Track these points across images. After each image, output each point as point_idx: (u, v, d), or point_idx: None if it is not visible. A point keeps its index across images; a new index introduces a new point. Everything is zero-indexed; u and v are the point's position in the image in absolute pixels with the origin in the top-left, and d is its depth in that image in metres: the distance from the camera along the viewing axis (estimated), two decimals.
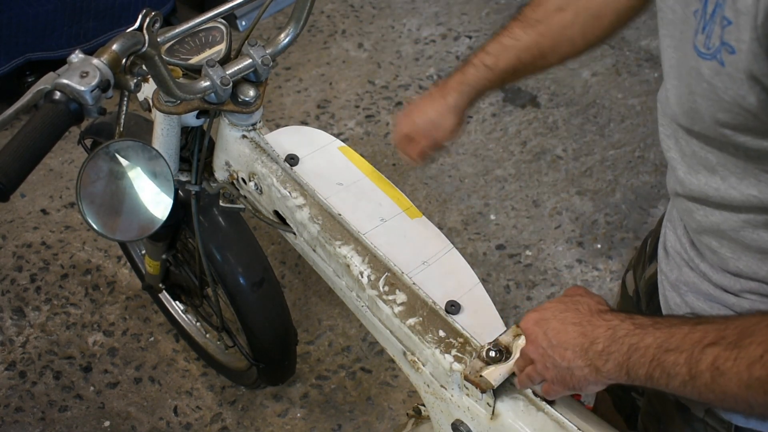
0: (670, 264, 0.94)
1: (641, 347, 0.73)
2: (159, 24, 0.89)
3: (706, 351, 0.68)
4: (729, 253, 0.83)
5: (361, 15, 3.01)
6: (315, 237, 1.11)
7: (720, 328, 0.68)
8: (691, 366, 0.69)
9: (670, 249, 0.95)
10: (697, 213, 0.84)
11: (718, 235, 0.82)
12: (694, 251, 0.89)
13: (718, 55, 0.66)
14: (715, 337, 0.68)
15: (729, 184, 0.77)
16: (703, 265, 0.87)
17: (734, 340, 0.67)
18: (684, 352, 0.69)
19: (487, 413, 0.94)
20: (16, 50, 2.36)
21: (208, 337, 1.87)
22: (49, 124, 0.77)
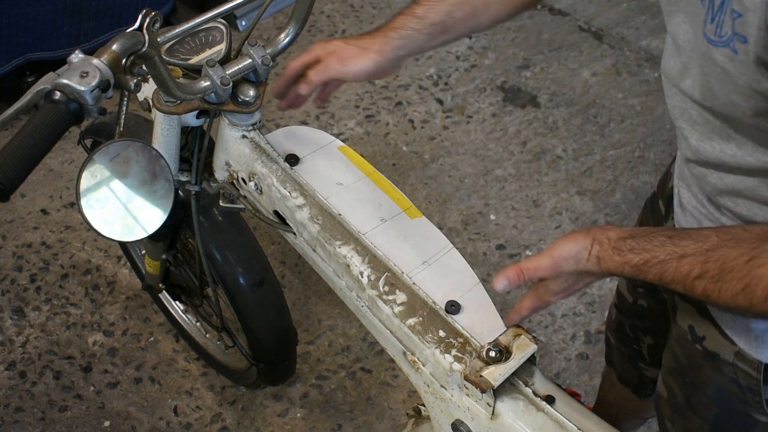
0: (689, 219, 0.97)
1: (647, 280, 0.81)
2: (159, 24, 0.89)
3: (695, 283, 0.77)
4: (745, 211, 0.86)
5: (361, 15, 3.01)
6: (315, 237, 1.11)
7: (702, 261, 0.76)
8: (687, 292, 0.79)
9: (687, 205, 0.97)
10: (711, 176, 0.87)
11: (734, 195, 0.85)
12: (712, 206, 0.92)
13: (731, 44, 0.69)
14: (699, 272, 0.76)
15: (745, 151, 0.80)
16: (723, 219, 0.90)
17: (716, 274, 0.75)
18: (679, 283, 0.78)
19: (487, 413, 0.94)
20: (16, 50, 2.36)
21: (208, 337, 1.87)
22: (49, 124, 0.77)
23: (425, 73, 2.77)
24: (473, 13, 1.04)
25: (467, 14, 1.04)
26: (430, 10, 1.04)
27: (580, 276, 0.86)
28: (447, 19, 1.03)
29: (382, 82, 2.72)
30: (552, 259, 0.85)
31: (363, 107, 2.64)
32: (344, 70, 1.05)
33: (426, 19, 1.03)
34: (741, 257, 0.73)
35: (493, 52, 2.86)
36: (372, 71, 1.05)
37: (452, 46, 2.87)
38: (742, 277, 0.72)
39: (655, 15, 3.06)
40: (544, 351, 1.99)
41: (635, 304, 1.27)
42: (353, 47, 1.04)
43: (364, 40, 1.05)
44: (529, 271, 0.87)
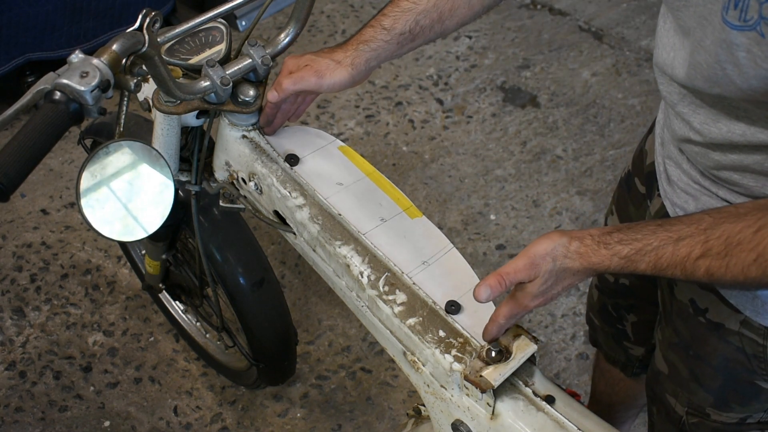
0: (681, 196, 0.97)
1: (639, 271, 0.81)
2: (159, 24, 0.89)
3: (698, 263, 0.76)
4: (753, 182, 0.87)
5: (361, 15, 3.01)
6: (315, 237, 1.11)
7: (703, 240, 0.75)
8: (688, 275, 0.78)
9: (678, 182, 0.98)
10: (713, 154, 0.87)
11: (740, 170, 0.86)
12: (708, 181, 0.93)
13: (758, 27, 0.70)
14: (701, 250, 0.76)
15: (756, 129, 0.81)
16: (722, 192, 0.90)
17: (722, 250, 0.74)
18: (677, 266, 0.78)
19: (487, 413, 0.94)
20: (16, 50, 2.36)
21: (208, 337, 1.87)
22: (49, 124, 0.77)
23: (425, 73, 2.77)
24: (440, 19, 1.06)
25: (434, 21, 1.06)
26: (396, 20, 1.06)
27: (560, 276, 0.85)
28: (414, 28, 1.06)
29: (383, 82, 2.72)
30: (528, 258, 0.84)
31: (363, 107, 2.64)
32: (320, 83, 1.06)
33: (394, 29, 1.06)
34: (747, 229, 0.73)
35: (493, 52, 2.86)
36: (346, 83, 1.07)
37: (452, 47, 2.87)
38: (753, 248, 0.72)
39: (655, 15, 3.06)
40: (544, 351, 1.99)
41: (617, 283, 1.29)
42: (327, 60, 1.06)
43: (336, 53, 1.07)
44: (509, 276, 0.85)
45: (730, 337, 0.99)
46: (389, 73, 2.76)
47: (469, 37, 2.92)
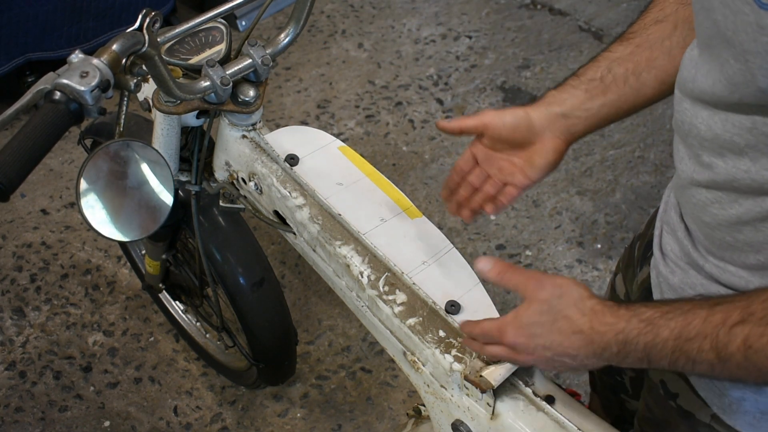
0: (670, 267, 0.92)
1: (658, 342, 0.71)
2: (159, 24, 0.89)
3: (734, 331, 0.66)
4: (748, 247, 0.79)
5: (361, 15, 3.01)
6: (315, 237, 1.11)
7: (743, 306, 0.66)
8: (720, 350, 0.67)
9: (669, 252, 0.92)
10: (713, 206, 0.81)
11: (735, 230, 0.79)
12: (697, 253, 0.87)
13: None
14: (741, 316, 0.66)
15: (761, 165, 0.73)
16: (708, 266, 0.84)
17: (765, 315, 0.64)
18: (707, 337, 0.67)
19: (487, 413, 0.94)
20: (16, 50, 2.36)
21: (208, 337, 1.87)
22: (49, 124, 0.77)
23: (425, 73, 2.77)
24: (635, 70, 0.96)
25: (629, 70, 0.96)
26: (589, 68, 0.98)
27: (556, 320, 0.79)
28: (606, 75, 0.97)
29: (383, 82, 2.72)
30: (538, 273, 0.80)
31: (363, 107, 2.64)
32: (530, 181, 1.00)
33: (584, 75, 0.98)
34: None
35: (493, 52, 2.86)
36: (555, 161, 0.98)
37: (452, 46, 2.87)
38: None
39: None
40: None
41: None
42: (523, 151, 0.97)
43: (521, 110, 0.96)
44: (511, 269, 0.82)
45: (701, 429, 0.93)
46: (389, 73, 2.76)
47: (469, 37, 2.92)
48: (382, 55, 2.83)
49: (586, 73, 0.97)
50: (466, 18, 3.00)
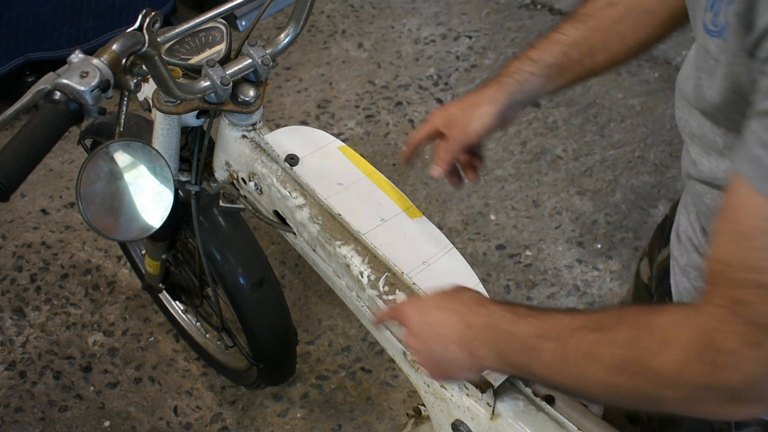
0: (681, 249, 0.94)
1: (516, 333, 0.74)
2: (159, 24, 0.89)
3: (576, 335, 0.68)
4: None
5: (361, 15, 3.01)
6: (315, 237, 1.11)
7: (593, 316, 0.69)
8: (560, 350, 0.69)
9: (682, 234, 0.95)
10: (706, 197, 0.84)
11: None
12: (704, 237, 0.89)
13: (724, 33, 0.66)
14: (584, 322, 0.69)
15: None
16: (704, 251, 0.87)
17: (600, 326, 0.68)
18: (554, 338, 0.70)
19: (487, 413, 0.94)
20: (16, 50, 2.36)
21: (208, 337, 1.87)
22: (49, 124, 0.77)
23: (425, 73, 2.77)
24: (590, 52, 1.00)
25: (584, 54, 1.00)
26: (545, 52, 1.01)
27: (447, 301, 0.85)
28: (563, 60, 1.01)
29: (383, 82, 2.72)
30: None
31: (363, 107, 2.64)
32: (467, 138, 1.04)
33: (541, 61, 1.01)
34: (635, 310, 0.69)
35: (493, 52, 2.86)
36: (492, 124, 1.03)
37: (452, 46, 2.87)
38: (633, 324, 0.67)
39: None
40: None
41: None
42: (468, 108, 1.03)
43: (477, 94, 1.03)
44: None
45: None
46: (389, 73, 2.76)
47: (469, 37, 2.92)
48: (382, 55, 2.83)
49: (543, 59, 1.01)
50: (466, 18, 3.00)
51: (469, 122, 1.03)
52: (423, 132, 1.09)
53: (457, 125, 1.04)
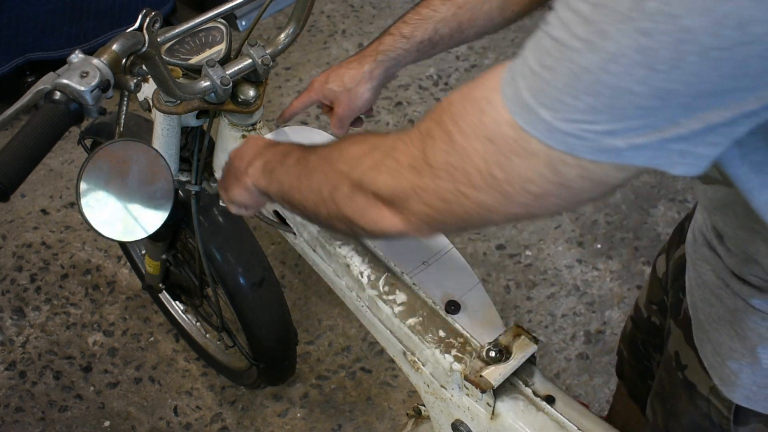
0: (696, 244, 0.96)
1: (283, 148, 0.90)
2: (159, 24, 0.89)
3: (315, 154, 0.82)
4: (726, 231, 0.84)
5: (361, 15, 3.01)
6: (315, 237, 1.11)
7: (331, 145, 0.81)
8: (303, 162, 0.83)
9: (697, 230, 0.97)
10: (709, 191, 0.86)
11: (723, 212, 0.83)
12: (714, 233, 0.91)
13: None
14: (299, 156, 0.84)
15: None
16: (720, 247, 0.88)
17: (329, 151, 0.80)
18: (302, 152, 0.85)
19: (487, 413, 0.94)
20: (16, 50, 2.36)
21: (208, 337, 1.87)
22: (49, 124, 0.77)
23: (425, 73, 2.77)
24: (459, 28, 1.07)
25: (453, 30, 1.07)
26: (416, 29, 1.08)
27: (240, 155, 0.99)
28: (434, 36, 1.08)
29: None
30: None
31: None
32: (353, 114, 1.15)
33: (413, 37, 1.08)
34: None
35: (493, 52, 2.86)
36: (372, 98, 1.14)
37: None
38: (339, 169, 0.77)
39: None
40: (544, 351, 1.99)
41: (648, 320, 1.26)
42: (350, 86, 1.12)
43: (355, 70, 1.11)
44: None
45: (699, 401, 0.97)
46: None
47: None
48: None
49: (414, 35, 1.08)
50: None
51: (352, 100, 1.13)
52: (304, 102, 1.18)
53: (341, 103, 1.14)
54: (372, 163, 0.72)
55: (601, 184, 0.59)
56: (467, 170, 0.62)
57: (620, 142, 0.55)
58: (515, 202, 0.61)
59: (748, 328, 0.83)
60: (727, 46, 0.49)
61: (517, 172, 0.59)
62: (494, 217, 0.65)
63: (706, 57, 0.50)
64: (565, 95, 0.54)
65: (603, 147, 0.55)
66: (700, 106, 0.53)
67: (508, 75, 0.59)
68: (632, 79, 0.52)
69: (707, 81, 0.51)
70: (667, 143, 0.55)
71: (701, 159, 0.56)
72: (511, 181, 0.60)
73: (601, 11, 0.51)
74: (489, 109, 0.60)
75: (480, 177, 0.61)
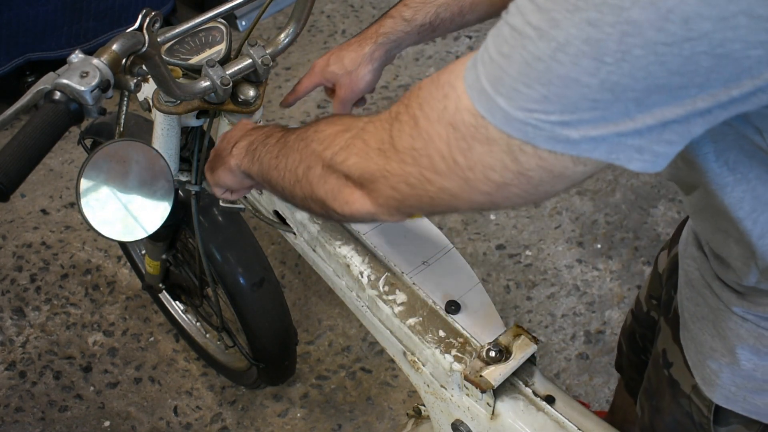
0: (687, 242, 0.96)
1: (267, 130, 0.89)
2: (159, 24, 0.89)
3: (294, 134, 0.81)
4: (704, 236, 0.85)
5: (361, 15, 3.01)
6: (315, 237, 1.11)
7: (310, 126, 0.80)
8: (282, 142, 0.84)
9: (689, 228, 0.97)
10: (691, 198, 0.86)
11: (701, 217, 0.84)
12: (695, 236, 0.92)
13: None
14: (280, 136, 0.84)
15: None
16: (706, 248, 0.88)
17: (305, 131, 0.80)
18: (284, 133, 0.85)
19: (487, 413, 0.94)
20: (16, 50, 2.36)
21: (208, 337, 1.87)
22: (49, 124, 0.77)
23: (425, 73, 2.77)
24: (460, 12, 1.08)
25: (454, 14, 1.08)
26: (417, 12, 1.08)
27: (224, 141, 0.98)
28: (434, 20, 1.08)
29: (382, 82, 2.72)
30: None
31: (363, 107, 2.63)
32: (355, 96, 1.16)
33: (414, 21, 1.09)
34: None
35: None
36: (374, 80, 1.14)
37: (452, 47, 2.87)
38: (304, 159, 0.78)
39: None
40: (544, 351, 2.00)
41: (648, 314, 1.27)
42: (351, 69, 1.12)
43: (356, 53, 1.12)
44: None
45: (682, 400, 0.97)
46: (389, 73, 2.76)
47: (469, 37, 2.92)
48: None
49: (415, 19, 1.09)
50: None
51: (354, 82, 1.14)
52: (306, 85, 1.19)
53: (342, 86, 1.14)
54: (344, 143, 0.71)
55: (561, 177, 0.58)
56: (431, 155, 0.62)
57: (574, 133, 0.55)
58: (477, 190, 0.61)
59: (728, 328, 0.83)
60: (672, 42, 0.49)
61: (478, 159, 0.59)
62: (458, 204, 0.64)
63: (651, 51, 0.49)
64: (519, 84, 0.54)
65: (558, 137, 0.55)
66: (651, 101, 0.52)
67: (472, 62, 0.59)
68: (581, 69, 0.51)
69: (655, 76, 0.51)
70: (623, 138, 0.55)
71: (659, 157, 0.56)
72: (473, 168, 0.60)
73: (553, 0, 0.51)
74: (452, 95, 0.60)
75: (443, 162, 0.61)
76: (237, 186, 0.98)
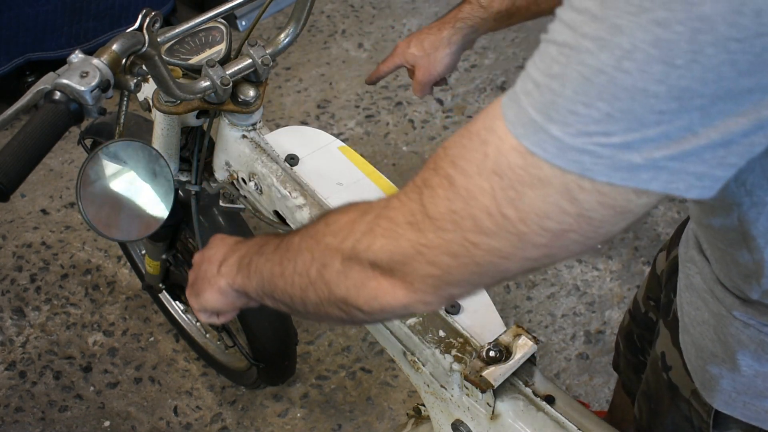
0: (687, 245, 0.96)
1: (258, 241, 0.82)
2: (159, 24, 0.89)
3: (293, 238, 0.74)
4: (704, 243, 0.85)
5: (361, 15, 3.01)
6: None
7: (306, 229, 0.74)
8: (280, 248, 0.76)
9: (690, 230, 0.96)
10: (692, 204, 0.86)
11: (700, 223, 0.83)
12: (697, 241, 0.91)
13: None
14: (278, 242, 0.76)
15: None
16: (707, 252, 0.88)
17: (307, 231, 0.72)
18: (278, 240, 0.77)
19: (487, 413, 0.94)
20: (16, 50, 2.36)
21: (208, 337, 1.87)
22: (49, 124, 0.77)
23: None
24: (536, 1, 1.10)
25: (530, 2, 1.11)
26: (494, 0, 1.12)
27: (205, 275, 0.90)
28: (511, 7, 1.11)
29: (382, 82, 2.72)
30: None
31: (363, 107, 2.64)
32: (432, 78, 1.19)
33: (491, 8, 1.12)
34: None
35: (493, 52, 2.86)
36: (451, 64, 1.18)
37: None
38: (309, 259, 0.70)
39: None
40: (544, 351, 2.00)
41: (646, 315, 1.26)
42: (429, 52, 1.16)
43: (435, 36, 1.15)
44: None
45: (681, 403, 0.96)
46: None
47: None
48: (382, 55, 2.83)
49: (492, 6, 1.12)
50: None
51: (433, 65, 1.17)
52: (389, 65, 1.22)
53: (421, 68, 1.17)
54: (365, 228, 0.64)
55: (624, 214, 0.53)
56: (474, 215, 0.55)
57: (637, 156, 0.50)
58: (532, 244, 0.55)
59: (729, 333, 0.82)
60: (744, 37, 0.46)
61: (531, 207, 0.53)
62: (509, 266, 0.57)
63: (723, 49, 0.46)
64: (576, 104, 0.50)
65: (618, 164, 0.50)
66: (716, 110, 0.49)
67: (508, 98, 0.54)
68: (648, 77, 0.48)
69: (725, 77, 0.47)
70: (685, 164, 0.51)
71: (717, 181, 0.52)
72: (526, 219, 0.53)
73: (610, 5, 0.47)
74: (491, 139, 0.54)
75: (490, 220, 0.55)
76: (227, 308, 0.90)
